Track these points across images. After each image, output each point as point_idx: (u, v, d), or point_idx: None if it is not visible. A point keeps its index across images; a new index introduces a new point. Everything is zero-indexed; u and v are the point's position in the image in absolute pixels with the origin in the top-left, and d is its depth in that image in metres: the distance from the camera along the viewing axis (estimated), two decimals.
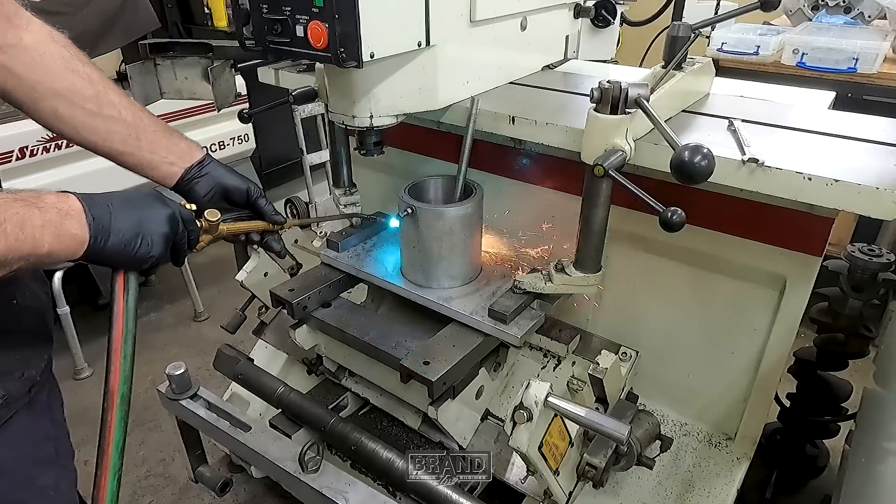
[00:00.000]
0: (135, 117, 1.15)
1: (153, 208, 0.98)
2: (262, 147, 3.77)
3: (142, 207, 0.96)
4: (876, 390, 1.61)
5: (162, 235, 0.97)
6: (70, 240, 0.87)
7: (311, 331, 1.60)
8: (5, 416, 0.98)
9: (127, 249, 0.93)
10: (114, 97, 1.12)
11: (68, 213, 0.87)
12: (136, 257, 0.94)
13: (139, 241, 0.94)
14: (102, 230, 0.89)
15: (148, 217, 0.96)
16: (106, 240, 0.90)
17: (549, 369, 1.57)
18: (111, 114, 1.11)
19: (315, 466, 1.31)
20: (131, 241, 0.93)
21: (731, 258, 1.47)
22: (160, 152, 1.18)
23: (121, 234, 0.92)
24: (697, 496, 1.59)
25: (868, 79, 2.55)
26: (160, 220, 0.97)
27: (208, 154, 1.25)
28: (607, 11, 1.83)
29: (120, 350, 0.97)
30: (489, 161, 1.65)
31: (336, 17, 1.07)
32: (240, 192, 1.25)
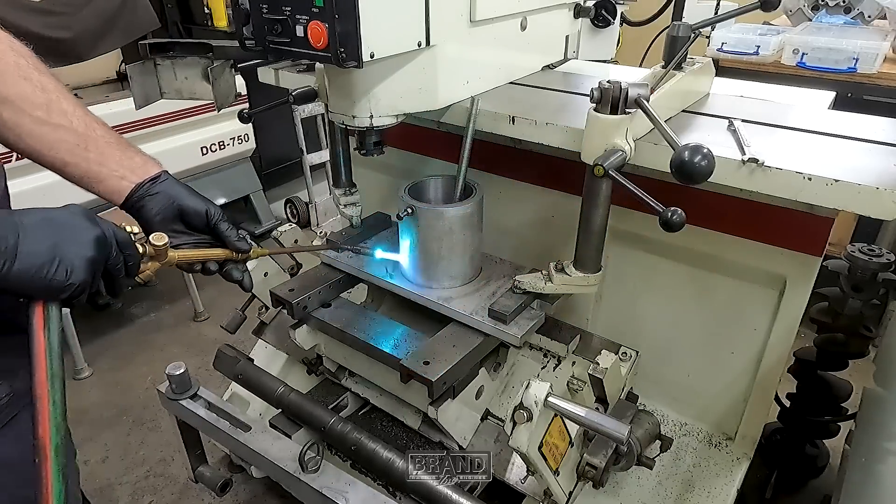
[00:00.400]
0: (87, 127, 1.06)
1: (76, 227, 0.85)
2: (262, 147, 3.77)
3: (62, 226, 0.84)
4: (876, 390, 1.61)
5: (85, 260, 0.84)
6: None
7: (311, 331, 1.60)
8: (11, 414, 0.97)
9: (38, 275, 0.80)
10: (67, 106, 1.05)
11: None
12: (51, 285, 0.82)
13: (55, 266, 0.81)
14: (5, 252, 0.77)
15: (68, 237, 0.83)
16: (10, 264, 0.77)
17: (549, 369, 1.57)
18: (60, 122, 1.03)
19: (315, 466, 1.31)
20: (44, 266, 0.80)
21: (731, 258, 1.47)
22: (109, 164, 1.07)
23: (31, 256, 0.79)
24: (697, 496, 1.59)
25: (868, 79, 2.55)
26: (84, 242, 0.85)
27: (166, 172, 1.13)
28: (607, 11, 1.83)
29: (47, 396, 0.84)
30: (489, 161, 1.65)
31: (336, 17, 1.07)
32: (198, 214, 1.11)
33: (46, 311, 0.85)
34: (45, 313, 0.85)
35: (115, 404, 2.55)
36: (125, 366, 2.80)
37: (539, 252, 1.68)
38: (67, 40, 1.00)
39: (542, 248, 1.72)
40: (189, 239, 1.12)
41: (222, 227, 1.13)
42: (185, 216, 1.11)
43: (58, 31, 1.27)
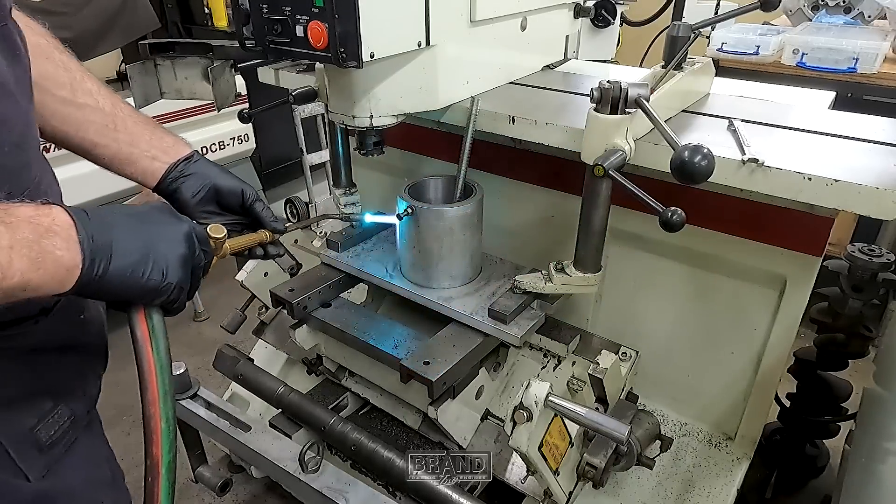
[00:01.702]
0: (114, 107, 1.01)
1: (166, 223, 0.80)
2: (262, 147, 3.77)
3: (151, 222, 0.78)
4: (876, 390, 1.61)
5: (179, 257, 0.78)
6: (53, 265, 0.66)
7: (311, 331, 1.60)
8: (72, 439, 0.91)
9: (134, 276, 0.73)
10: (91, 86, 1.00)
11: (49, 228, 0.66)
12: (147, 286, 0.75)
13: (150, 266, 0.75)
14: (101, 251, 0.70)
15: (160, 234, 0.77)
16: (107, 264, 0.70)
17: (549, 369, 1.57)
18: (86, 101, 0.98)
19: (315, 466, 1.32)
20: (139, 266, 0.74)
21: (731, 258, 1.47)
22: (141, 145, 1.02)
23: (126, 255, 0.72)
24: (697, 496, 1.59)
25: (868, 79, 2.55)
26: (176, 238, 0.79)
27: (197, 152, 1.08)
28: (607, 11, 1.83)
29: (160, 414, 0.78)
30: (489, 161, 1.65)
31: (336, 17, 1.07)
32: (234, 194, 1.06)
33: (150, 321, 0.79)
34: (149, 324, 0.79)
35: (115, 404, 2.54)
36: (125, 366, 2.76)
37: (539, 252, 1.68)
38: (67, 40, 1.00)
39: (542, 248, 1.72)
40: (222, 220, 1.06)
41: (258, 207, 1.08)
42: (220, 196, 1.06)
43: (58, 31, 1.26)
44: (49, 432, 0.87)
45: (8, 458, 0.82)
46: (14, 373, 0.84)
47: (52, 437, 0.87)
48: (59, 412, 0.88)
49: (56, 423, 0.87)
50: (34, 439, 0.85)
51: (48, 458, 0.87)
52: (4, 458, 0.82)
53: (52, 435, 0.87)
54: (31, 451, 0.85)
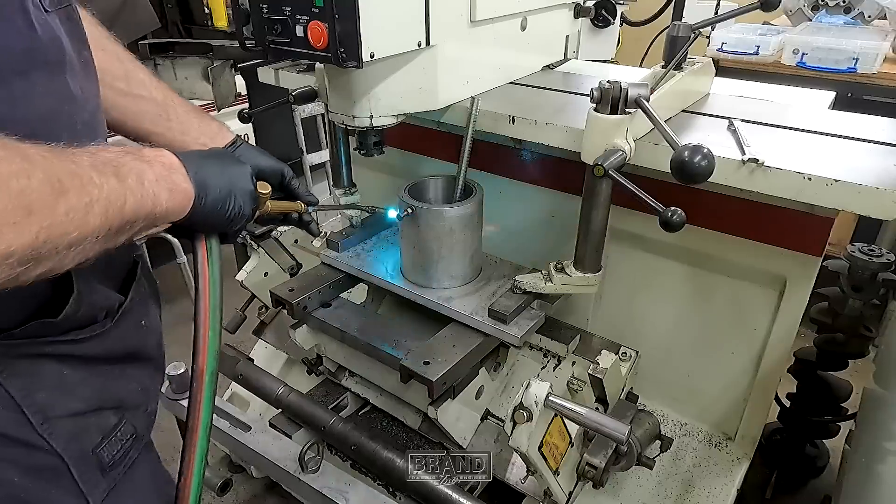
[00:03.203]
0: (165, 97, 1.09)
1: (237, 165, 0.91)
2: (262, 147, 3.75)
3: (226, 164, 0.89)
4: (876, 390, 1.61)
5: (249, 193, 0.91)
6: (181, 195, 0.79)
7: (311, 331, 1.60)
8: (132, 459, 0.89)
9: (222, 209, 0.86)
10: (143, 76, 1.07)
11: (171, 166, 0.79)
12: (228, 217, 0.87)
13: (232, 200, 0.87)
14: (202, 186, 0.82)
15: (235, 174, 0.89)
16: (206, 197, 0.82)
17: (549, 369, 1.57)
18: (141, 93, 1.06)
19: (315, 466, 1.32)
20: (226, 200, 0.86)
21: (731, 258, 1.47)
22: (192, 133, 1.11)
23: (218, 190, 0.84)
24: (697, 496, 1.59)
25: (868, 79, 2.55)
26: (246, 178, 0.91)
27: (239, 136, 1.19)
28: (607, 11, 1.83)
29: (208, 324, 0.90)
30: (489, 161, 1.65)
31: (336, 17, 1.07)
32: (275, 173, 1.16)
33: (208, 244, 0.90)
34: (208, 246, 0.90)
35: None
36: None
37: (539, 252, 1.68)
38: None
39: (542, 248, 1.71)
40: None
41: (294, 184, 1.18)
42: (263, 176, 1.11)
43: None
44: (112, 451, 0.84)
45: (70, 478, 0.78)
46: (81, 384, 0.81)
47: (115, 456, 0.85)
48: (124, 429, 0.87)
49: (119, 440, 0.86)
50: (97, 458, 0.82)
51: (109, 479, 0.84)
52: (66, 479, 0.78)
53: (115, 454, 0.85)
54: (93, 472, 0.81)
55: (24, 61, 0.69)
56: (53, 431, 0.77)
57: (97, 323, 0.83)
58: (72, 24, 0.82)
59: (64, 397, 0.78)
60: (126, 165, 0.71)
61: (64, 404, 0.78)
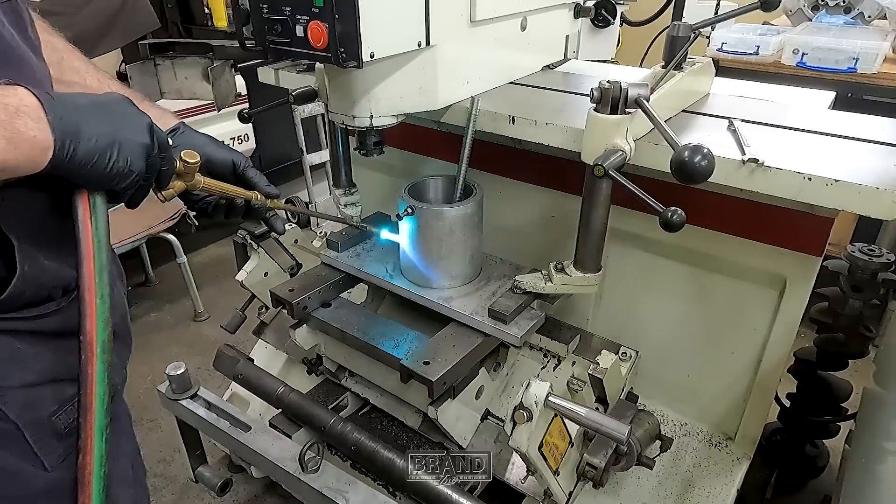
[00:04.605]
0: (100, 84, 1.04)
1: (129, 114, 0.80)
2: (262, 147, 3.77)
3: (114, 111, 0.78)
4: (876, 390, 1.61)
5: (141, 146, 0.79)
6: (27, 144, 0.67)
7: (311, 331, 1.60)
8: None
9: (100, 161, 0.74)
10: (79, 64, 1.03)
11: (18, 109, 0.67)
12: (111, 172, 0.76)
13: (115, 152, 0.75)
14: (70, 132, 0.71)
15: (124, 123, 0.78)
16: (75, 146, 0.71)
17: (549, 369, 1.57)
18: (73, 79, 1.01)
19: (315, 466, 1.32)
20: (106, 151, 0.74)
21: (731, 258, 1.47)
22: None
23: (93, 139, 0.73)
24: (697, 496, 1.59)
25: (868, 79, 2.55)
26: (139, 129, 0.79)
27: (184, 123, 1.09)
28: (607, 11, 1.83)
29: (94, 289, 0.79)
30: (489, 161, 1.65)
31: (336, 17, 1.07)
32: (224, 162, 1.07)
33: (91, 200, 0.80)
34: (91, 202, 0.79)
35: None
36: (138, 364, 2.80)
37: (539, 252, 1.68)
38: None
39: (542, 248, 1.72)
40: None
41: (250, 173, 1.09)
42: (210, 165, 1.06)
43: None
44: (69, 419, 0.87)
45: (25, 443, 0.83)
46: (36, 357, 0.84)
47: (71, 423, 0.87)
48: None
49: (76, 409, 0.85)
50: (52, 426, 0.86)
51: (66, 445, 0.87)
52: (22, 444, 0.83)
53: (71, 422, 0.87)
54: (48, 438, 0.85)
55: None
56: (7, 401, 0.80)
57: (53, 301, 0.86)
58: (15, 17, 0.83)
59: (17, 369, 0.82)
60: None
61: (18, 376, 0.82)
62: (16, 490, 0.84)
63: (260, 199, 1.11)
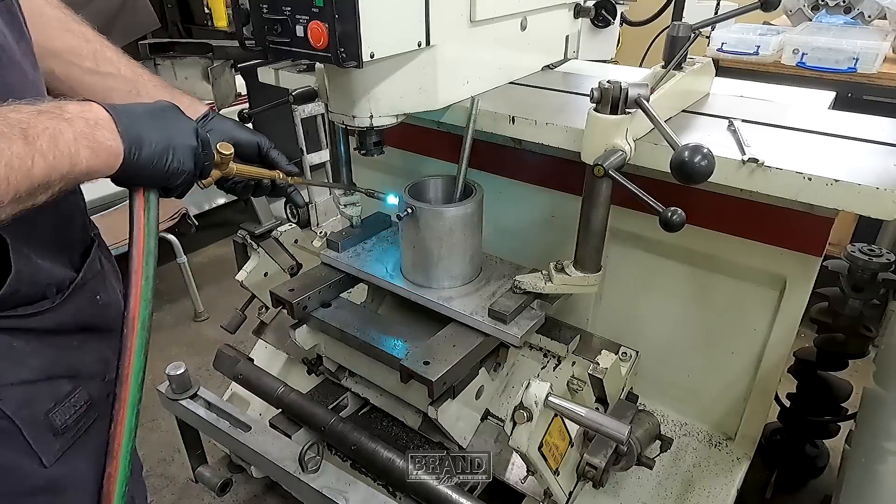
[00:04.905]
0: (134, 73, 1.10)
1: (179, 120, 0.90)
2: None
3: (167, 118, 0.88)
4: (876, 390, 1.61)
5: (190, 149, 0.89)
6: (105, 152, 0.78)
7: (311, 331, 1.60)
8: (86, 424, 0.94)
9: (159, 163, 0.85)
10: (111, 54, 1.08)
11: (97, 122, 0.78)
12: (167, 172, 0.86)
13: (171, 155, 0.86)
14: (135, 140, 0.81)
15: (176, 128, 0.88)
16: (139, 152, 0.82)
17: (549, 369, 1.57)
18: (109, 70, 1.07)
19: (315, 466, 1.31)
20: (164, 154, 0.85)
21: (731, 258, 1.47)
22: None
23: (153, 145, 0.83)
24: (697, 496, 1.59)
25: (868, 79, 2.55)
26: (188, 133, 0.90)
27: (213, 109, 1.19)
28: (607, 11, 1.83)
29: (141, 271, 0.89)
30: (489, 161, 1.65)
31: (336, 17, 1.07)
32: (250, 144, 1.19)
33: (146, 195, 0.89)
34: (146, 197, 0.89)
35: None
36: None
37: (539, 252, 1.68)
38: None
39: (542, 248, 1.72)
40: None
41: (273, 154, 1.22)
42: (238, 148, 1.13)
43: None
44: (65, 416, 0.89)
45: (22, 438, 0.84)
46: (33, 354, 0.86)
47: (68, 420, 0.89)
48: (78, 396, 0.91)
49: (73, 406, 0.91)
50: (49, 422, 0.87)
51: (62, 441, 0.89)
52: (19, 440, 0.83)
53: (68, 419, 0.89)
54: (45, 434, 0.86)
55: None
56: (4, 397, 0.82)
57: (47, 299, 0.87)
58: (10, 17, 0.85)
59: (14, 367, 0.83)
60: (37, 126, 0.70)
61: (14, 373, 0.83)
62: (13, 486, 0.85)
63: (283, 177, 1.23)
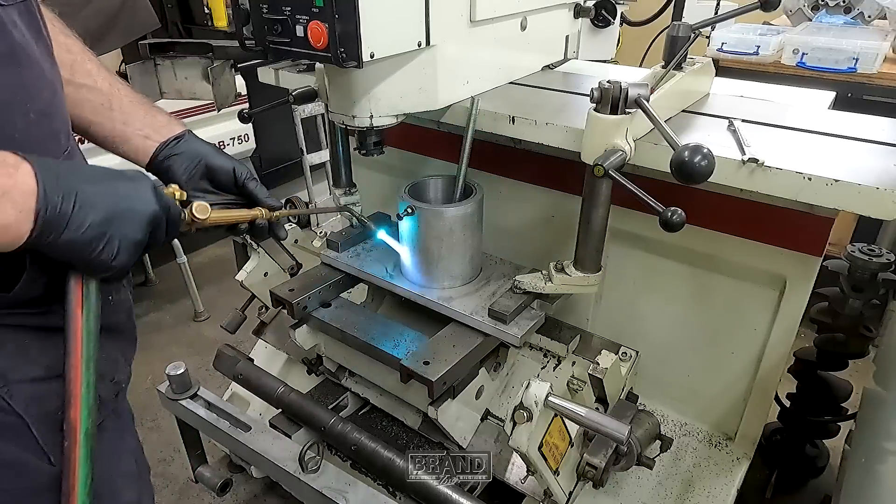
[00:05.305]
0: (111, 87, 1.05)
1: (134, 200, 0.78)
2: (262, 147, 3.77)
3: (120, 196, 0.76)
4: (876, 390, 1.61)
5: (133, 243, 0.78)
6: None
7: (311, 331, 1.60)
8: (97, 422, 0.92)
9: (84, 251, 0.73)
10: (91, 67, 1.04)
11: (6, 192, 0.66)
12: (92, 262, 0.75)
13: (102, 244, 0.74)
14: (55, 222, 0.69)
15: (124, 213, 0.76)
16: (57, 236, 0.70)
17: (549, 369, 1.57)
18: (84, 82, 1.02)
19: (315, 466, 1.31)
20: (93, 242, 0.73)
21: (731, 258, 1.47)
22: (134, 124, 1.04)
23: (82, 229, 0.72)
24: (697, 496, 1.59)
25: (868, 79, 2.55)
26: (138, 221, 0.78)
27: (190, 131, 1.10)
28: (607, 11, 1.83)
29: (81, 378, 0.80)
30: (489, 161, 1.65)
31: (336, 17, 1.07)
32: (225, 172, 1.07)
33: (86, 288, 0.80)
34: (84, 290, 0.80)
35: None
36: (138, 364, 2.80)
37: (539, 252, 1.68)
38: None
39: (542, 248, 1.72)
40: (216, 198, 1.08)
41: (251, 185, 1.09)
42: (212, 175, 1.07)
43: None
44: None
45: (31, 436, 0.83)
46: (43, 352, 0.85)
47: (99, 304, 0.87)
48: None
49: None
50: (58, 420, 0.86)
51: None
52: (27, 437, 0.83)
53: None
54: (54, 432, 0.86)
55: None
56: (14, 394, 0.81)
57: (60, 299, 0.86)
58: (30, 17, 0.84)
59: (25, 364, 0.82)
60: None
61: (25, 370, 0.83)
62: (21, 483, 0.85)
63: (264, 214, 1.09)
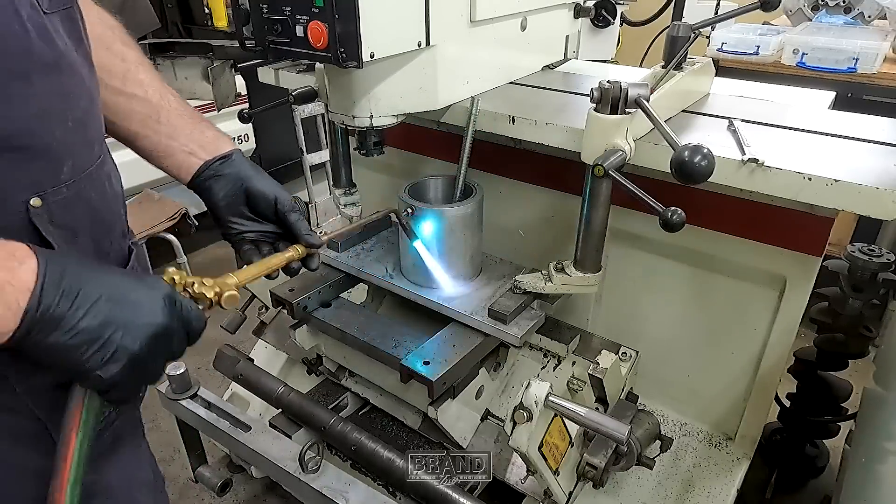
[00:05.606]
0: (161, 99, 1.02)
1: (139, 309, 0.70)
2: (262, 147, 3.77)
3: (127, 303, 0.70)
4: (876, 390, 1.61)
5: (129, 356, 0.69)
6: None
7: (311, 331, 1.60)
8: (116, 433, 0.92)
9: (71, 356, 0.66)
10: (143, 77, 1.01)
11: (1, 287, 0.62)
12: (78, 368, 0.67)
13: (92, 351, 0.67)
14: (44, 322, 0.64)
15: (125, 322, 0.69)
16: (45, 335, 0.64)
17: (549, 369, 1.57)
18: (135, 92, 1.00)
19: (315, 466, 1.31)
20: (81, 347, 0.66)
21: (731, 258, 1.47)
22: (180, 139, 1.01)
23: (73, 332, 0.65)
24: (697, 496, 1.59)
25: (868, 79, 2.55)
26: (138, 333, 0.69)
27: (239, 150, 1.05)
28: (607, 11, 1.83)
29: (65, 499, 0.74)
30: (489, 161, 1.65)
31: (336, 17, 1.07)
32: (265, 199, 1.01)
33: (86, 403, 0.73)
34: (86, 405, 0.73)
35: None
36: None
37: (539, 252, 1.68)
38: None
39: (542, 248, 1.71)
40: (254, 227, 1.03)
41: (292, 217, 1.01)
42: (252, 201, 1.01)
43: None
44: None
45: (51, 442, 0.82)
46: None
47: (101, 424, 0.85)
48: None
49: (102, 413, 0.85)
50: None
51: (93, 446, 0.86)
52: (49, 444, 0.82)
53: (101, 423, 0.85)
54: None
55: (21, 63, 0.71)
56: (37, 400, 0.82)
57: None
58: (71, 24, 0.83)
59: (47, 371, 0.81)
60: None
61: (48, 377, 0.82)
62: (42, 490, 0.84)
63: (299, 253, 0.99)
